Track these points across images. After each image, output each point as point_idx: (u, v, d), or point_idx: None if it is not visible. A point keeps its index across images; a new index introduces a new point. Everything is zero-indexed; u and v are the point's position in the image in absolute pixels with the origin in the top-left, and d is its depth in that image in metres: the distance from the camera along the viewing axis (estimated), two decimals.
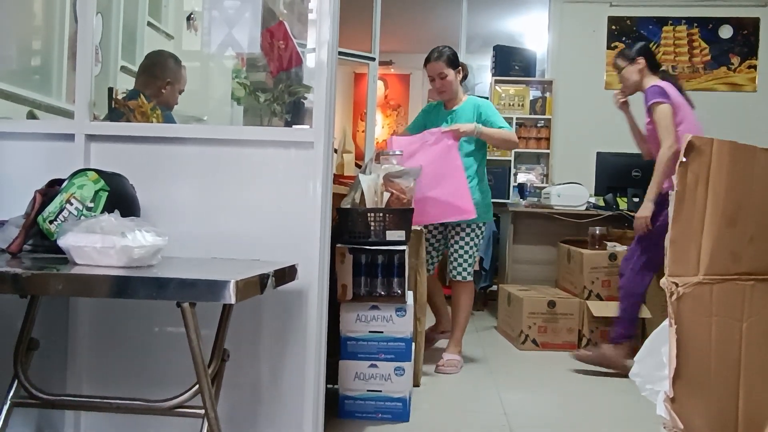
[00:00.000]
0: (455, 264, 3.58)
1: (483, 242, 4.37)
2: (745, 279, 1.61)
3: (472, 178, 3.55)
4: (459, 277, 3.57)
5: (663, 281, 1.57)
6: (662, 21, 6.55)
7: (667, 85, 3.36)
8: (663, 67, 3.71)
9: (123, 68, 4.14)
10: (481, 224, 3.61)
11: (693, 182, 1.56)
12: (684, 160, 1.54)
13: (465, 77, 3.72)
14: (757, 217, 1.64)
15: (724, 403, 1.59)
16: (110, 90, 3.10)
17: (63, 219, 1.74)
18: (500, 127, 3.53)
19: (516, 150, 6.65)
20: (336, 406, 2.65)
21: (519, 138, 6.61)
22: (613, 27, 6.57)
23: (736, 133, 1.66)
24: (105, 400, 1.76)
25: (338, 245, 2.64)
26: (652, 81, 3.42)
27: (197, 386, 1.58)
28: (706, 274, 1.57)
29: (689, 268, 1.57)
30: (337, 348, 2.65)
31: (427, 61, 3.57)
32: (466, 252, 3.57)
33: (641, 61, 3.47)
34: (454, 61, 3.56)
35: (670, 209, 1.57)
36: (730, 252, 1.60)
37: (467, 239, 3.57)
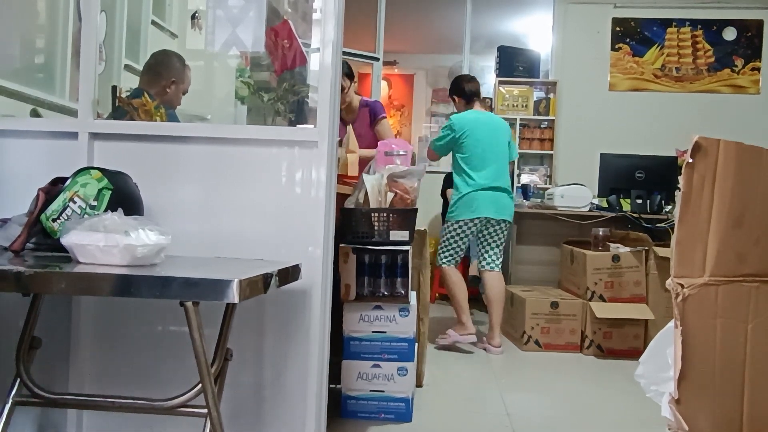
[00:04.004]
0: (493, 256, 4.04)
1: None
2: (750, 280, 1.60)
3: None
4: (497, 268, 4.05)
5: (668, 282, 1.57)
6: (666, 23, 6.54)
7: None
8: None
9: (127, 67, 4.15)
10: (510, 222, 4.08)
11: (699, 183, 1.55)
12: (690, 160, 1.53)
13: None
14: (764, 219, 1.63)
15: (729, 405, 1.58)
16: (114, 88, 3.09)
17: (66, 217, 1.73)
18: None
19: (519, 151, 6.65)
20: (339, 406, 2.65)
21: (523, 139, 6.67)
22: (618, 28, 6.56)
23: (739, 135, 1.65)
24: (107, 399, 1.76)
25: (342, 245, 2.64)
26: None
27: (200, 385, 1.58)
28: (712, 276, 1.56)
29: (695, 270, 1.56)
30: (340, 348, 2.65)
31: None
32: (499, 246, 4.05)
33: None
34: None
35: (676, 210, 1.57)
36: (735, 253, 1.59)
37: (501, 234, 4.03)
